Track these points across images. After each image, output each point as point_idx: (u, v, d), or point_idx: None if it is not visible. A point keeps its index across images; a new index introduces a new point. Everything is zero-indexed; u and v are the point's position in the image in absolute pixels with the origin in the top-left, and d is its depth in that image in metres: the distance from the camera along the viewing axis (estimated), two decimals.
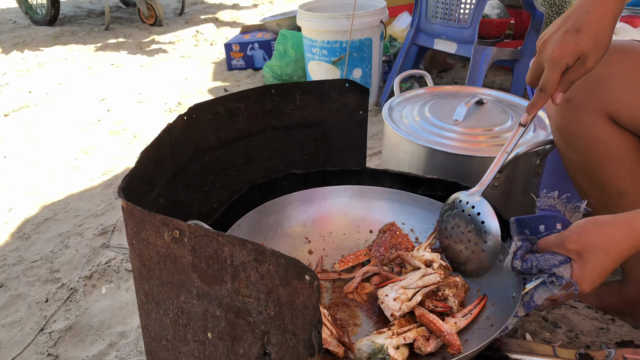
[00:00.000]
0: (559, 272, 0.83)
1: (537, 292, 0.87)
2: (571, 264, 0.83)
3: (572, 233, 0.84)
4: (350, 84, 1.15)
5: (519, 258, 0.88)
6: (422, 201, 1.14)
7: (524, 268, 0.87)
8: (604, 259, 0.82)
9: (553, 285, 0.84)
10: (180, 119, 0.99)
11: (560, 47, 0.89)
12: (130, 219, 0.74)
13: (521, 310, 0.89)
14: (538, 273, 0.87)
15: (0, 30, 4.13)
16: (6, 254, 1.65)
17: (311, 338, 0.65)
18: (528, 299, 0.88)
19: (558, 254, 0.84)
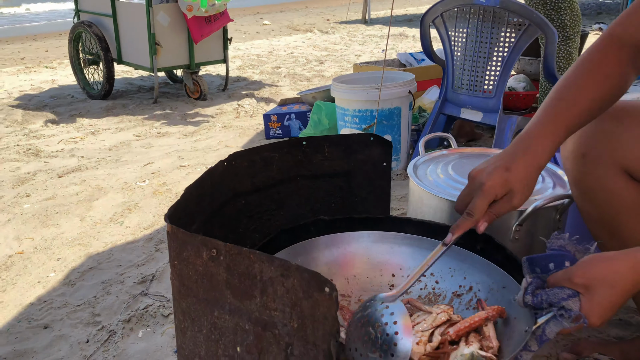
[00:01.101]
0: (568, 305, 0.87)
1: (548, 326, 0.91)
2: (579, 297, 0.88)
3: (579, 268, 0.89)
4: (374, 137, 1.26)
5: (530, 293, 0.93)
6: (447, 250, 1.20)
7: (534, 302, 0.92)
8: (610, 292, 0.86)
9: (563, 319, 0.88)
10: (221, 164, 1.11)
11: (492, 179, 0.98)
12: (174, 241, 0.84)
13: (534, 345, 0.93)
14: (548, 307, 0.91)
15: (60, 104, 4.49)
16: (53, 298, 1.77)
17: (330, 348, 0.72)
18: (540, 332, 0.91)
19: (566, 288, 0.89)
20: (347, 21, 10.11)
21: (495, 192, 0.98)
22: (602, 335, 1.48)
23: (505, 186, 0.98)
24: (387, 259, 1.23)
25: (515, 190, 0.98)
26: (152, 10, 4.02)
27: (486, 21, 2.36)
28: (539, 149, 1.01)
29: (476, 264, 1.16)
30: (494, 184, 0.98)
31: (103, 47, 4.37)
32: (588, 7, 11.33)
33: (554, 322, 0.90)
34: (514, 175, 0.98)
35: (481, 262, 1.15)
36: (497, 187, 0.98)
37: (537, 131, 1.03)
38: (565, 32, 2.63)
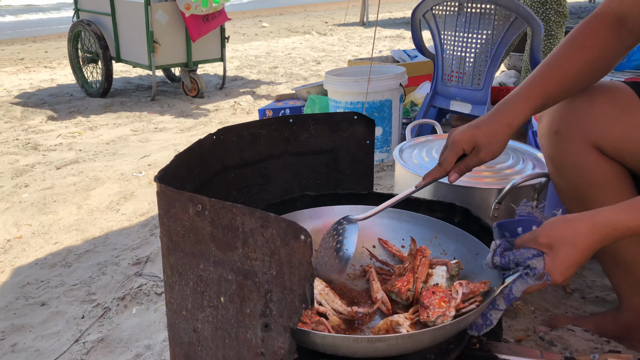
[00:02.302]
0: (533, 264, 0.93)
1: (515, 285, 0.96)
2: (544, 257, 0.94)
3: (543, 229, 0.95)
4: (358, 116, 1.32)
5: (498, 255, 0.99)
6: (420, 219, 1.26)
7: (502, 263, 0.98)
8: (571, 251, 0.92)
9: (528, 277, 0.94)
10: (210, 137, 1.17)
11: (460, 134, 1.09)
12: (163, 200, 0.89)
13: (502, 303, 0.98)
14: (515, 267, 0.96)
15: (58, 102, 4.54)
16: (50, 278, 1.82)
17: (305, 292, 0.78)
18: (507, 291, 0.97)
19: (532, 249, 0.95)
20: (345, 24, 10.19)
21: (462, 145, 1.08)
22: (579, 311, 1.54)
23: (471, 141, 1.07)
24: (368, 231, 1.28)
25: (480, 145, 1.07)
26: (151, 8, 4.09)
27: (474, 15, 2.42)
28: (511, 110, 1.09)
29: (453, 234, 1.22)
30: (461, 138, 1.08)
31: (102, 45, 4.43)
32: (585, 9, 11.42)
33: (520, 280, 0.96)
34: (480, 130, 1.08)
35: (457, 232, 1.21)
36: (463, 141, 1.08)
37: (513, 95, 1.11)
38: (549, 27, 2.70)
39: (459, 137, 1.09)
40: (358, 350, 0.89)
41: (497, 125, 1.08)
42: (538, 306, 1.56)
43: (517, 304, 1.56)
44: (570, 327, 1.37)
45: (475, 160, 1.09)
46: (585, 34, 1.14)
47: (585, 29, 1.14)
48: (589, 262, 1.75)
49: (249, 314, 0.84)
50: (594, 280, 1.68)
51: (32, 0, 14.10)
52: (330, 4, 15.48)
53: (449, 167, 1.10)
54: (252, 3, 15.99)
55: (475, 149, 1.08)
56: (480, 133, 1.08)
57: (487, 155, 1.08)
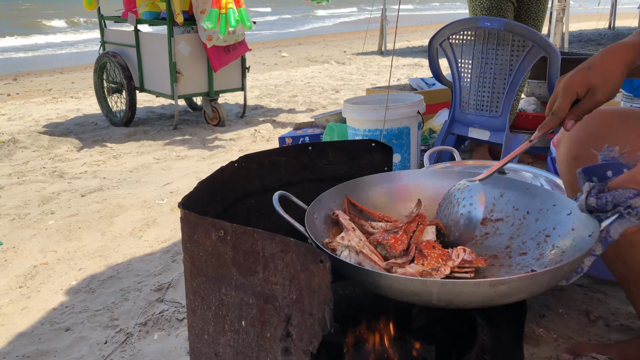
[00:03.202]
0: (635, 203, 0.88)
1: (613, 226, 0.91)
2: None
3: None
4: (376, 143, 1.34)
5: (593, 196, 0.94)
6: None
7: (599, 205, 0.92)
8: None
9: (630, 216, 0.89)
10: (231, 164, 1.20)
11: (571, 78, 1.05)
12: (186, 225, 0.92)
13: (598, 248, 0.93)
14: (612, 209, 0.91)
15: (84, 131, 4.66)
16: (74, 304, 1.85)
17: (325, 316, 0.79)
18: (605, 235, 0.92)
19: (631, 189, 0.90)
20: (363, 53, 10.32)
21: (575, 89, 1.02)
22: (604, 339, 1.51)
23: (585, 83, 1.02)
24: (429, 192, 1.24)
25: (596, 86, 1.02)
26: (174, 40, 4.21)
27: (491, 43, 2.45)
28: (624, 47, 1.05)
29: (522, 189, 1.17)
30: (573, 81, 1.02)
31: (126, 76, 4.56)
32: (605, 36, 11.42)
33: (618, 222, 0.91)
34: (594, 71, 1.02)
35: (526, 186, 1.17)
36: (575, 84, 1.02)
37: (623, 40, 1.08)
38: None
39: (570, 81, 1.03)
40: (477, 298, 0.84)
41: (611, 63, 1.04)
42: (561, 334, 1.54)
43: (540, 331, 1.54)
44: (595, 355, 1.35)
45: (591, 103, 1.04)
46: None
47: None
48: (614, 290, 1.73)
49: (269, 338, 0.85)
50: (619, 307, 1.65)
51: (68, 38, 14.77)
52: (348, 33, 15.71)
53: (564, 114, 1.04)
54: (272, 34, 16.31)
55: (590, 91, 1.03)
56: (594, 74, 1.03)
57: (604, 96, 1.03)
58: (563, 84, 1.05)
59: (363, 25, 13.08)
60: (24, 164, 3.70)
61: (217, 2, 3.89)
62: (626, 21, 14.26)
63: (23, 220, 2.63)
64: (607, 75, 1.04)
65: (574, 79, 1.04)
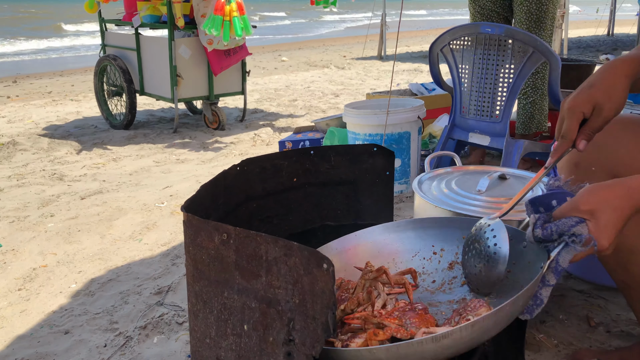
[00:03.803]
0: (577, 230, 0.90)
1: (561, 255, 0.93)
2: (586, 223, 0.91)
3: (582, 196, 0.93)
4: (377, 148, 1.34)
5: (539, 227, 0.95)
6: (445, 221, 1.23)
7: (544, 235, 0.94)
8: (613, 214, 0.90)
9: (575, 244, 0.90)
10: (234, 168, 1.20)
11: (574, 99, 1.05)
12: (189, 229, 0.92)
13: (552, 278, 0.95)
14: (558, 238, 0.93)
15: (84, 133, 4.66)
16: (73, 307, 1.85)
17: (328, 321, 0.79)
18: (554, 264, 0.94)
19: (573, 217, 0.92)
20: (363, 57, 10.34)
21: (581, 109, 1.03)
22: (604, 345, 1.51)
23: (589, 101, 1.02)
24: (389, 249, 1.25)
25: (600, 102, 1.02)
26: (174, 43, 4.21)
27: (492, 49, 2.46)
28: (624, 61, 1.06)
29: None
30: (577, 102, 1.03)
31: (126, 79, 4.56)
32: (604, 43, 11.45)
33: (565, 250, 0.93)
34: (597, 89, 1.03)
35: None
36: (580, 104, 1.02)
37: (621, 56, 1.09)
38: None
39: (574, 102, 1.03)
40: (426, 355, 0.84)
41: (613, 79, 1.04)
42: (562, 340, 1.54)
43: (540, 337, 1.54)
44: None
45: (599, 120, 1.04)
46: None
47: None
48: (614, 297, 1.73)
49: (271, 342, 0.85)
50: (619, 314, 1.65)
51: (75, 42, 14.78)
52: (348, 38, 15.75)
53: (573, 136, 1.04)
54: (272, 38, 16.35)
55: (596, 108, 1.03)
56: (597, 91, 1.03)
57: (611, 112, 1.03)
58: (567, 106, 1.05)
59: (363, 30, 13.11)
60: (24, 166, 3.69)
61: (221, 9, 3.90)
62: (625, 28, 14.31)
63: (22, 222, 2.62)
64: (610, 91, 1.04)
65: (577, 99, 1.04)
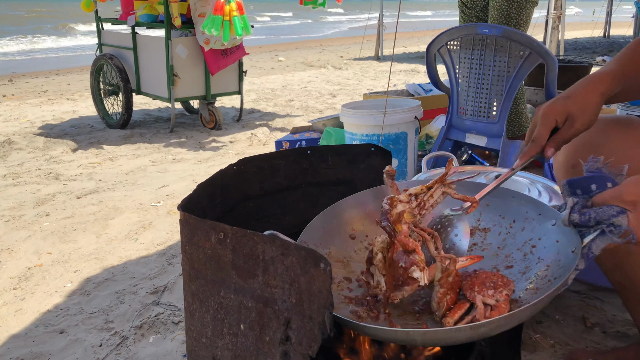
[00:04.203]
0: (618, 221, 0.89)
1: (595, 243, 0.91)
2: (627, 214, 0.89)
3: (628, 186, 0.91)
4: (375, 148, 1.34)
5: (576, 212, 0.94)
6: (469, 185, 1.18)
7: (582, 221, 0.93)
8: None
9: (612, 234, 0.89)
10: (231, 168, 1.19)
11: (550, 106, 1.07)
12: (186, 228, 0.92)
13: (581, 263, 0.93)
14: (595, 225, 0.92)
15: (79, 133, 4.65)
16: (69, 306, 1.84)
17: (325, 320, 0.79)
18: (586, 251, 0.92)
19: (615, 206, 0.90)
20: (360, 58, 10.35)
21: (554, 117, 1.05)
22: (600, 346, 1.52)
23: (563, 111, 1.05)
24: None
25: (574, 115, 1.04)
26: (171, 43, 4.20)
27: (489, 50, 2.46)
28: (601, 78, 1.08)
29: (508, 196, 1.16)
30: (552, 109, 1.05)
31: (123, 78, 4.55)
32: (600, 44, 11.49)
33: (600, 238, 0.91)
34: (572, 100, 1.05)
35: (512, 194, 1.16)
36: (554, 112, 1.05)
37: (600, 70, 1.11)
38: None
39: (549, 109, 1.05)
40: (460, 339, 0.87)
41: (588, 94, 1.06)
42: (558, 340, 1.54)
43: (537, 337, 1.55)
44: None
45: (570, 131, 1.06)
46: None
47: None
48: (610, 297, 1.73)
49: (268, 341, 0.84)
50: (615, 314, 1.66)
51: (68, 43, 14.74)
52: (345, 38, 15.76)
53: (543, 141, 1.06)
54: (269, 38, 16.34)
55: (569, 119, 1.05)
56: (572, 103, 1.05)
57: (583, 125, 1.06)
58: (542, 112, 1.07)
59: (361, 31, 13.12)
60: (19, 165, 3.68)
61: (221, 9, 3.89)
62: (621, 30, 14.37)
63: (18, 221, 2.61)
64: (584, 106, 1.06)
65: (552, 107, 1.06)
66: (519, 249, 1.10)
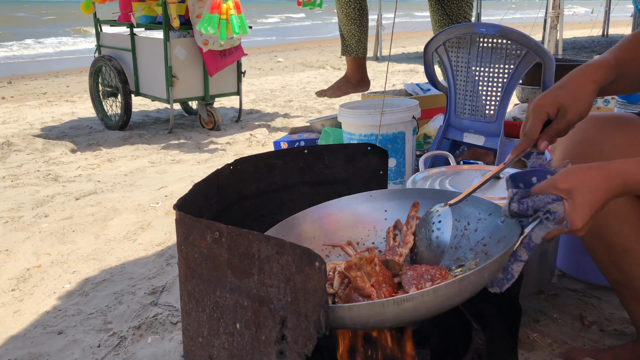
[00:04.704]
0: (553, 208, 0.90)
1: (534, 232, 0.93)
2: (563, 202, 0.91)
3: (562, 175, 0.93)
4: (371, 147, 1.34)
5: (515, 202, 0.96)
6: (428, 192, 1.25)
7: (520, 209, 0.95)
8: (589, 196, 0.91)
9: (548, 221, 0.91)
10: (227, 167, 1.20)
11: (541, 98, 1.06)
12: (181, 227, 0.92)
13: (523, 253, 0.95)
14: (533, 213, 0.94)
15: (78, 134, 4.65)
16: (67, 307, 1.84)
17: (320, 318, 0.79)
18: (527, 240, 0.94)
19: (551, 194, 0.92)
20: None
21: (546, 110, 1.04)
22: (598, 344, 1.52)
23: (555, 103, 1.04)
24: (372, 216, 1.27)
25: (566, 106, 1.04)
26: (170, 44, 4.21)
27: (486, 49, 2.46)
28: (595, 67, 1.07)
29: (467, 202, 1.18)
30: (543, 102, 1.04)
31: (122, 79, 4.55)
32: (599, 43, 11.50)
33: (539, 227, 0.93)
34: (565, 91, 1.04)
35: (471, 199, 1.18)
36: (546, 105, 1.04)
37: (594, 59, 1.11)
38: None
39: (540, 101, 1.05)
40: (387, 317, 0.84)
41: (581, 83, 1.06)
42: (555, 339, 1.54)
43: (534, 336, 1.55)
44: (589, 359, 1.36)
45: (563, 123, 1.05)
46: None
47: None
48: (607, 295, 1.73)
49: (264, 340, 0.85)
50: (612, 312, 1.66)
51: (66, 47, 14.70)
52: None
53: (535, 135, 1.06)
54: (268, 39, 16.34)
55: (561, 111, 1.05)
56: (564, 93, 1.04)
57: (575, 116, 1.05)
58: (533, 105, 1.06)
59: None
60: (18, 167, 3.68)
61: (218, 7, 3.89)
62: (620, 29, 14.37)
63: (16, 223, 2.61)
64: (577, 95, 1.05)
65: (544, 99, 1.05)
66: (472, 248, 1.14)
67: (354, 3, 3.37)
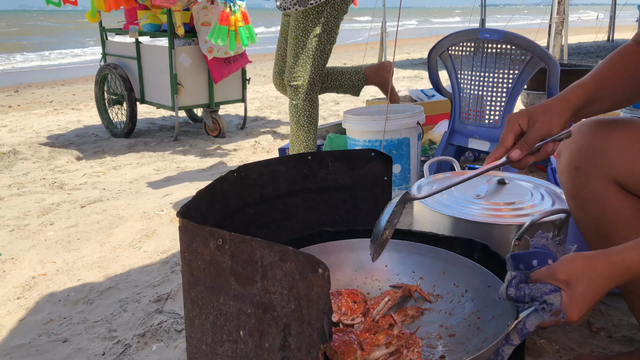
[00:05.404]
0: (550, 299, 0.91)
1: (529, 319, 0.93)
2: (561, 293, 0.92)
3: (561, 264, 0.94)
4: (375, 153, 1.34)
5: (513, 286, 0.96)
6: (431, 251, 1.26)
7: (517, 295, 0.96)
8: (587, 288, 0.90)
9: (544, 312, 0.91)
10: (231, 174, 1.19)
11: (515, 113, 1.12)
12: (184, 234, 0.92)
13: (515, 338, 0.96)
14: (530, 301, 0.94)
15: (84, 142, 4.67)
16: (72, 315, 1.84)
17: (323, 326, 0.78)
18: (521, 326, 0.94)
19: (549, 284, 0.93)
20: (363, 64, 10.35)
21: (517, 120, 1.10)
22: (606, 351, 1.50)
23: (524, 114, 1.10)
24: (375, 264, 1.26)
25: (534, 115, 1.09)
26: (175, 52, 4.23)
27: (490, 54, 2.46)
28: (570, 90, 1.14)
29: (464, 266, 1.22)
30: (516, 114, 1.11)
31: (127, 87, 4.57)
32: (604, 49, 11.47)
33: (534, 315, 0.94)
34: (536, 106, 1.11)
35: (468, 264, 1.21)
36: (516, 116, 1.10)
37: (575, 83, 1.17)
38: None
39: (512, 114, 1.12)
40: None
41: (555, 100, 1.12)
42: (563, 345, 1.52)
43: (541, 342, 1.53)
44: None
45: (532, 132, 1.09)
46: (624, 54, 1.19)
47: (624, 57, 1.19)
48: (615, 301, 1.72)
49: (267, 348, 0.84)
50: (621, 319, 1.64)
51: (72, 59, 14.86)
52: (348, 45, 15.80)
53: (507, 144, 1.09)
54: (273, 47, 16.38)
55: (531, 121, 1.10)
56: (535, 108, 1.11)
57: (544, 124, 1.08)
58: (507, 117, 1.13)
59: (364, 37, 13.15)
60: (24, 175, 3.70)
61: (227, 20, 3.91)
62: (625, 34, 14.34)
63: (22, 231, 2.62)
64: (547, 108, 1.11)
65: (516, 113, 1.12)
66: (466, 318, 1.14)
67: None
